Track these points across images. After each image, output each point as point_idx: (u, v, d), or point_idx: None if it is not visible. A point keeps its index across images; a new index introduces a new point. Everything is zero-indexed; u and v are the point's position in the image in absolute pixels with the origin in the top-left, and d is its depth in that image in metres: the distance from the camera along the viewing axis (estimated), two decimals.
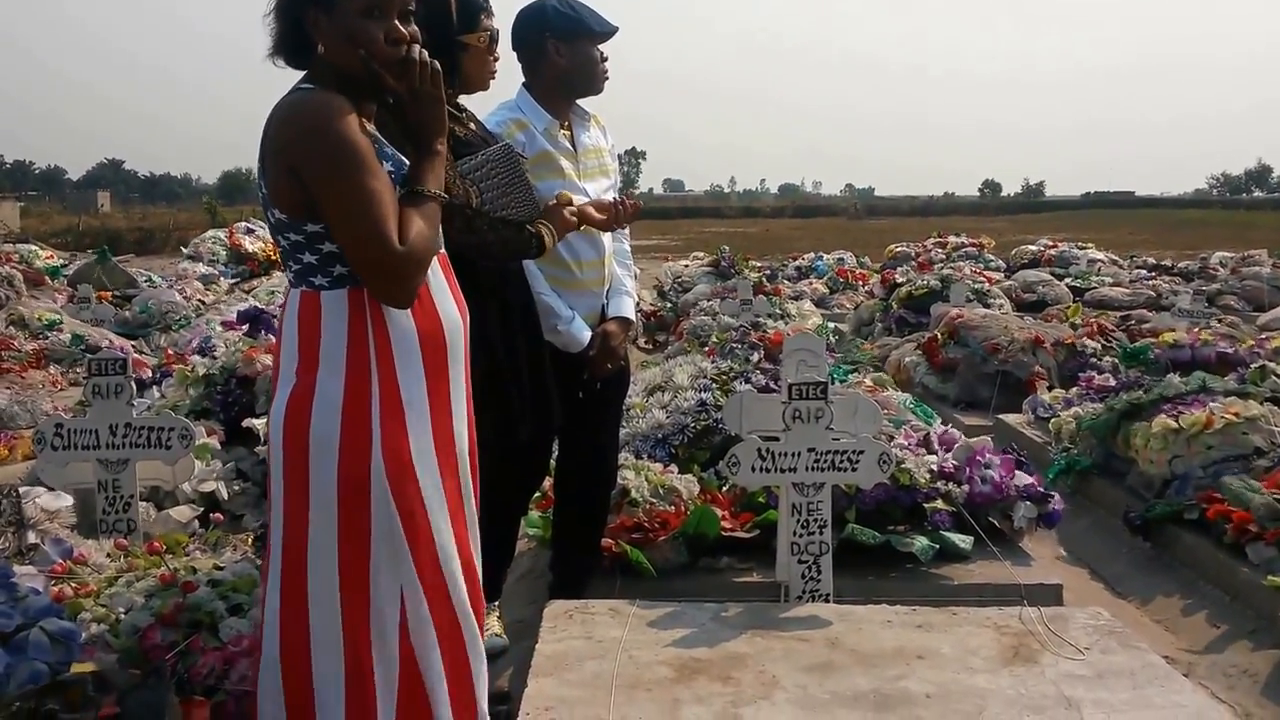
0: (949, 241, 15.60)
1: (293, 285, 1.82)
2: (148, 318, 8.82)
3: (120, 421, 3.19)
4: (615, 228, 2.75)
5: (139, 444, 3.19)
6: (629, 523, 3.39)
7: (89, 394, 3.24)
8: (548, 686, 2.49)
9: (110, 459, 3.18)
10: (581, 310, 2.96)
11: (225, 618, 2.30)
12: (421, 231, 1.73)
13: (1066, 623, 2.84)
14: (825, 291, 12.82)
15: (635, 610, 2.92)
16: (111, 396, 3.20)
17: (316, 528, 1.75)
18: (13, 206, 33.10)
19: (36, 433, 3.24)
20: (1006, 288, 10.83)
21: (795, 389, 3.09)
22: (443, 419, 1.85)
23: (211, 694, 2.17)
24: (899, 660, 2.63)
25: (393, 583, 1.77)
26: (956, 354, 6.76)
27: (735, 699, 2.43)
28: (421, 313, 1.81)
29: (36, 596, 2.22)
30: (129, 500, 3.18)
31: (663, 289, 12.51)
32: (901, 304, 9.17)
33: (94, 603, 2.37)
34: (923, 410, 4.95)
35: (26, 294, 8.97)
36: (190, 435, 3.23)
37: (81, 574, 2.57)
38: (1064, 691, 2.45)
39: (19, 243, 14.22)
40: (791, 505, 3.09)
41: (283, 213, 1.75)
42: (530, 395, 2.65)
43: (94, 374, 3.22)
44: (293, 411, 1.75)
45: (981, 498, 3.68)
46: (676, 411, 4.11)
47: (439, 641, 1.82)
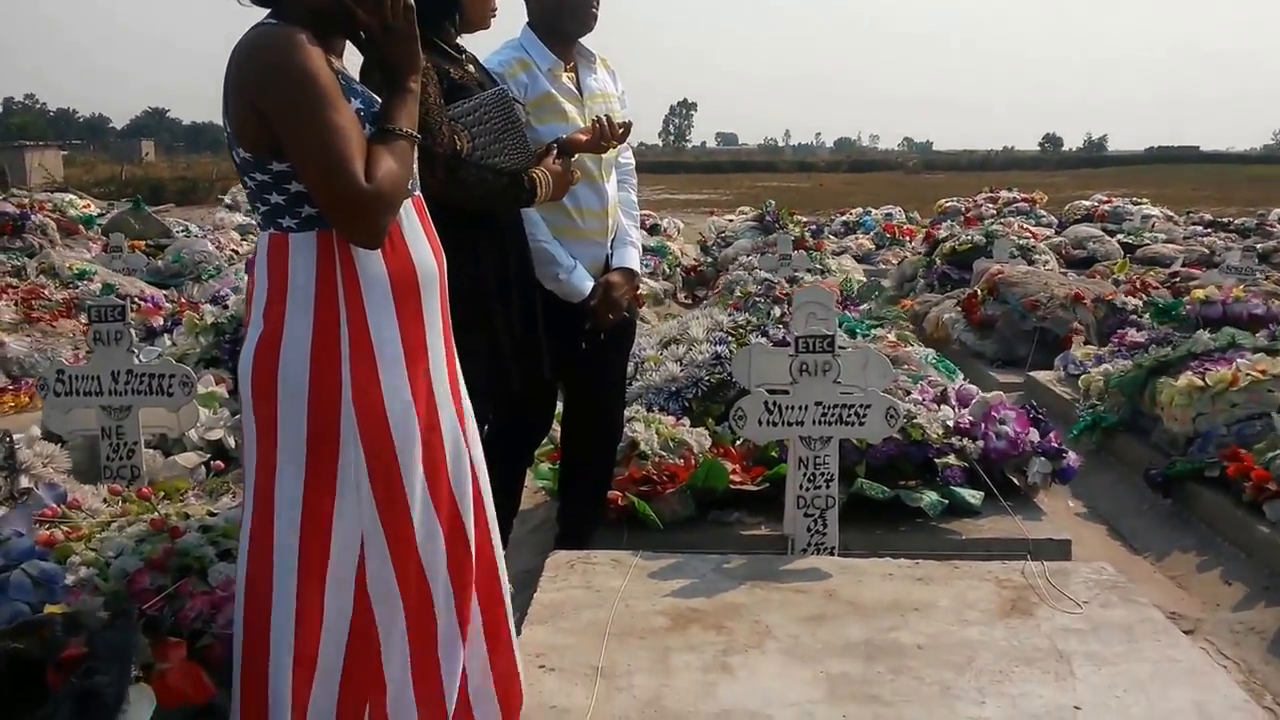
0: (1000, 196, 15.31)
1: (261, 228, 1.78)
2: (180, 267, 8.92)
3: (121, 368, 3.21)
4: (606, 147, 2.71)
5: (141, 391, 3.22)
6: (637, 475, 3.40)
7: (90, 340, 3.26)
8: (541, 634, 2.51)
9: (113, 405, 3.21)
10: (584, 260, 2.91)
11: (214, 563, 2.28)
12: (390, 170, 1.68)
13: (1068, 577, 2.81)
14: (871, 247, 12.66)
15: (637, 561, 2.93)
16: (112, 343, 3.22)
17: (284, 473, 1.73)
18: (56, 155, 33.38)
19: (40, 379, 3.28)
20: (1056, 244, 10.62)
21: (803, 342, 3.06)
22: (418, 366, 1.81)
23: (198, 637, 2.16)
24: (894, 612, 2.62)
25: (353, 528, 1.75)
26: (995, 311, 6.69)
27: (726, 647, 2.43)
28: (393, 257, 1.76)
29: (19, 539, 2.23)
30: (133, 447, 3.22)
31: (705, 244, 12.42)
32: (945, 260, 9.04)
33: (84, 547, 2.37)
34: (945, 366, 4.88)
35: (61, 243, 9.08)
36: (191, 383, 3.24)
37: (75, 518, 2.59)
38: (1056, 644, 2.42)
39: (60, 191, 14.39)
40: (798, 459, 3.08)
41: (247, 151, 1.70)
42: (525, 345, 2.63)
43: (94, 320, 3.24)
44: (261, 356, 1.72)
45: (996, 453, 3.64)
46: (691, 364, 4.08)
47: (401, 593, 1.79)
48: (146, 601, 2.21)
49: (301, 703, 1.75)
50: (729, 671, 2.33)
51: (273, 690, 1.74)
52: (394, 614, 1.80)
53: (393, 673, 1.81)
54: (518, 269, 2.64)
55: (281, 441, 1.72)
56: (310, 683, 1.76)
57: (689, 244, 12.95)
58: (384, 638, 1.79)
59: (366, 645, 1.79)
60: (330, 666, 1.77)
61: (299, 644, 1.75)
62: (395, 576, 1.79)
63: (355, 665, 1.79)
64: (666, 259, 9.98)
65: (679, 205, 24.55)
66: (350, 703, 1.79)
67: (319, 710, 1.77)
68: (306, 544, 1.73)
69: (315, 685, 1.77)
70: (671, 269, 10.04)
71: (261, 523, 1.75)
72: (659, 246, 10.40)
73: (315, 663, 1.76)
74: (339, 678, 1.78)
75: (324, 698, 1.77)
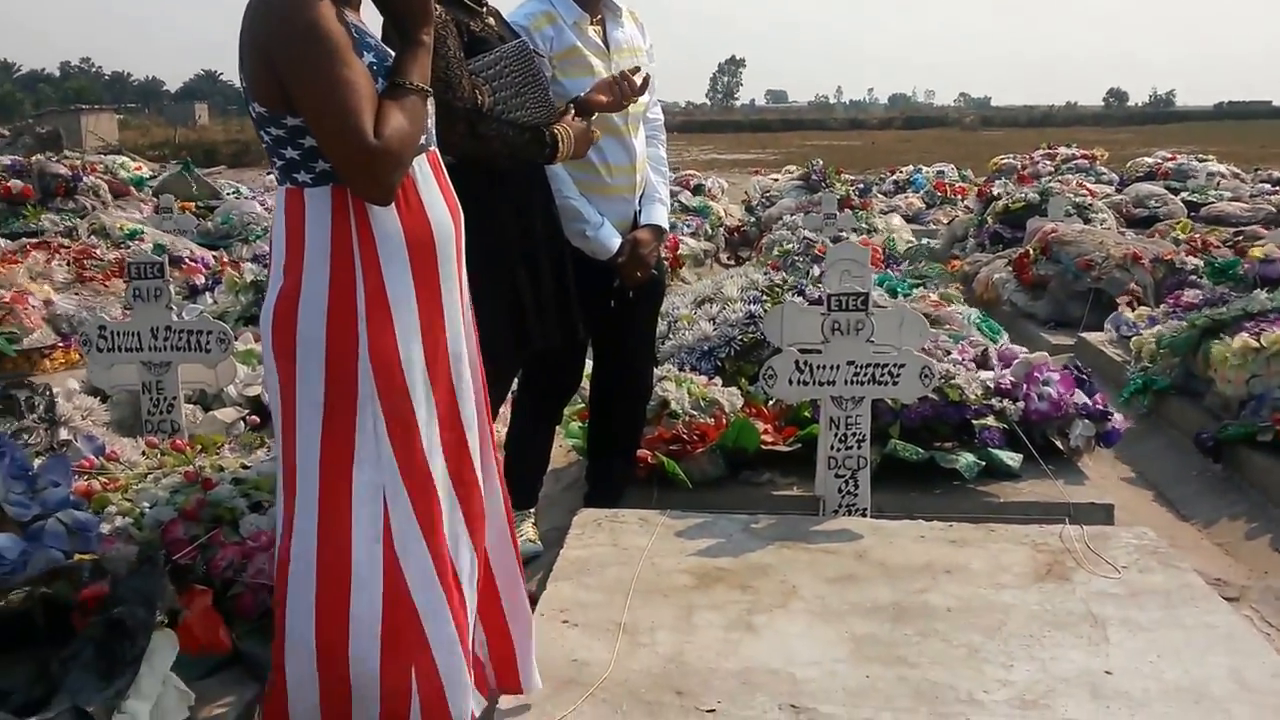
0: (1058, 153, 14.77)
1: (279, 183, 1.78)
2: (229, 228, 9.02)
3: (161, 325, 3.26)
4: (625, 104, 2.65)
5: (179, 347, 3.26)
6: (667, 435, 3.37)
7: (130, 297, 3.31)
8: (566, 590, 2.51)
9: (153, 361, 3.26)
10: (612, 217, 2.87)
11: (246, 514, 2.35)
12: (400, 126, 1.66)
13: (1107, 541, 2.74)
14: (921, 206, 12.36)
15: (664, 520, 2.92)
16: (151, 300, 3.26)
17: (303, 427, 1.74)
18: (111, 119, 33.97)
19: (82, 335, 3.33)
20: (1116, 202, 10.27)
21: (835, 300, 2.99)
22: (434, 323, 1.80)
23: (229, 586, 2.23)
24: (925, 574, 2.57)
25: (374, 485, 1.75)
26: (1048, 271, 6.53)
27: (751, 606, 2.41)
28: (408, 214, 1.74)
29: (55, 489, 2.30)
30: (172, 402, 3.27)
31: (750, 204, 12.26)
32: (997, 219, 8.79)
33: (121, 497, 2.45)
34: (989, 326, 4.78)
35: (112, 204, 9.23)
36: (228, 339, 3.27)
37: (112, 470, 2.66)
38: (1091, 609, 2.36)
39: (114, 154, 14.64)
40: (830, 419, 3.03)
41: (262, 106, 1.69)
42: (551, 304, 2.60)
43: (133, 277, 3.28)
44: (280, 312, 1.72)
45: (1037, 415, 3.55)
46: (724, 324, 4.03)
47: (427, 544, 1.79)
48: (180, 551, 2.28)
49: (339, 655, 1.76)
50: (752, 630, 2.31)
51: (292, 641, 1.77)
52: (426, 573, 1.79)
53: (434, 634, 1.80)
54: (543, 227, 2.61)
55: (300, 397, 1.73)
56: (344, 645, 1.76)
57: (733, 204, 12.80)
58: (418, 598, 1.79)
59: (402, 607, 1.78)
60: (367, 629, 1.76)
61: (320, 599, 1.75)
62: (421, 533, 1.78)
63: (394, 629, 1.78)
64: (709, 219, 9.87)
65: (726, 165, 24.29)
66: (395, 666, 1.79)
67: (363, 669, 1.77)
68: (326, 498, 1.74)
69: (351, 644, 1.76)
70: (714, 229, 9.93)
71: (288, 475, 1.77)
72: (701, 207, 10.30)
73: (347, 620, 1.75)
74: (379, 642, 1.77)
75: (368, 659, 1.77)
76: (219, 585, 2.22)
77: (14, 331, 4.97)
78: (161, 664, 1.83)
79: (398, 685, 1.78)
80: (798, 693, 2.05)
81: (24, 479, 2.28)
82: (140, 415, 3.34)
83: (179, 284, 5.89)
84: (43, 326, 5.15)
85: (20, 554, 2.08)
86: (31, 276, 5.82)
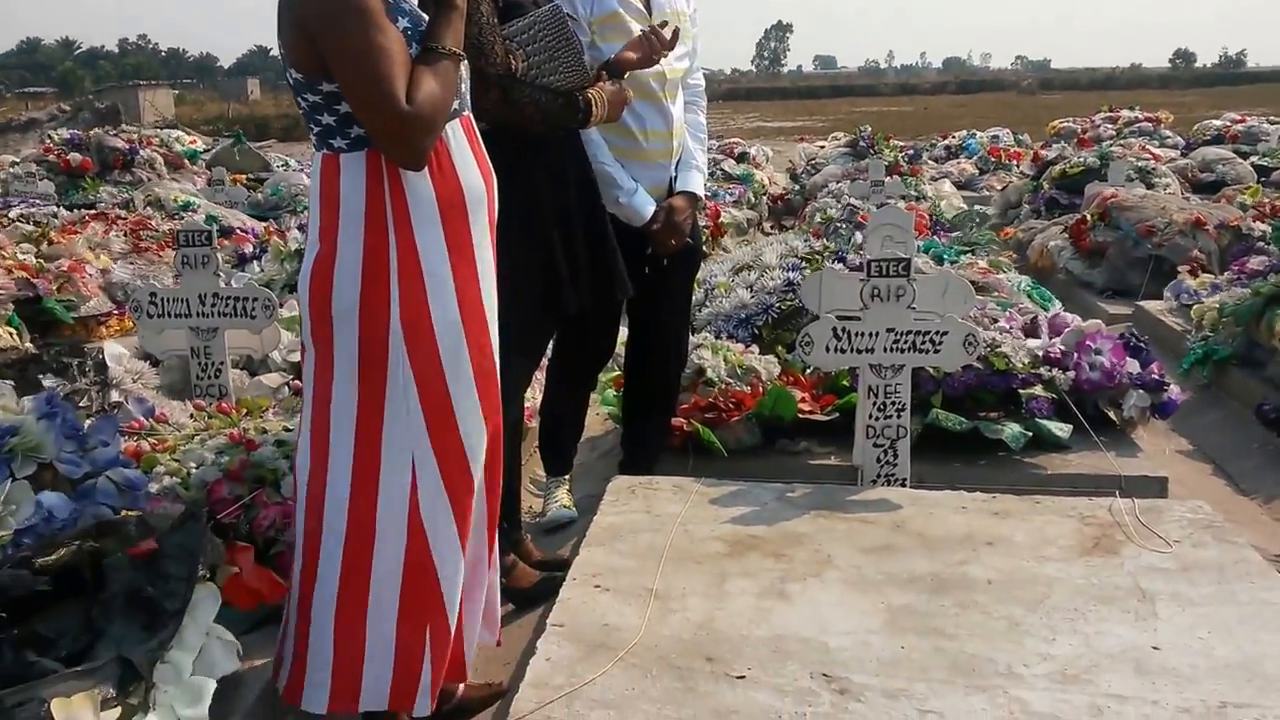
0: (1120, 116, 14.25)
1: (316, 149, 1.79)
2: (278, 200, 9.12)
3: (208, 291, 3.32)
4: (655, 60, 2.59)
5: (226, 313, 3.32)
6: (702, 402, 3.33)
7: (178, 264, 3.37)
8: (599, 555, 2.50)
9: (201, 327, 3.33)
10: (646, 183, 2.83)
11: (287, 475, 2.38)
12: (432, 92, 1.66)
13: (1160, 515, 2.64)
14: (974, 172, 11.97)
15: (699, 487, 2.89)
16: (199, 267, 3.32)
17: (339, 392, 1.76)
18: (167, 94, 34.64)
19: (133, 301, 3.39)
20: (1181, 167, 9.90)
21: (875, 265, 2.92)
22: (468, 287, 1.80)
23: (271, 545, 2.27)
24: (966, 546, 2.51)
25: (403, 450, 1.76)
26: (1106, 237, 6.31)
27: (785, 575, 2.37)
28: (440, 178, 1.75)
29: (105, 448, 2.36)
30: (219, 366, 3.33)
31: (795, 171, 12.07)
32: (1053, 184, 8.51)
33: (169, 458, 2.51)
34: (1041, 294, 4.65)
35: (167, 176, 9.38)
36: (273, 306, 3.32)
37: (161, 431, 2.71)
38: (1140, 583, 2.28)
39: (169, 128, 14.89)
40: (868, 387, 2.96)
41: (299, 72, 1.71)
42: (586, 268, 2.57)
43: (182, 245, 3.34)
44: (317, 276, 1.74)
45: (1089, 385, 3.45)
46: (762, 291, 3.96)
47: (453, 511, 1.80)
48: (224, 510, 2.33)
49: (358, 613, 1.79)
50: (785, 598, 2.27)
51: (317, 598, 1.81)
52: (449, 539, 1.81)
53: (450, 597, 1.83)
54: (579, 192, 2.57)
55: (337, 360, 1.75)
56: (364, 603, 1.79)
57: (778, 173, 12.62)
58: (439, 562, 1.80)
59: (423, 571, 1.81)
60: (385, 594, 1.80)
61: (347, 556, 1.79)
62: (447, 499, 1.80)
63: (412, 591, 1.81)
64: (752, 187, 9.72)
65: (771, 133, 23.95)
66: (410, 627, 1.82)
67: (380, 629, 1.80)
68: (359, 464, 1.77)
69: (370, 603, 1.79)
70: (757, 198, 9.78)
71: (319, 437, 1.79)
72: (745, 175, 10.15)
73: (369, 579, 1.79)
74: (398, 602, 1.80)
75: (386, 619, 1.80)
76: (261, 544, 2.26)
77: (71, 299, 5.06)
78: (204, 616, 1.86)
79: (411, 645, 1.81)
80: (830, 662, 2.01)
81: (75, 438, 2.35)
82: (189, 380, 3.41)
83: (228, 253, 5.98)
84: (99, 295, 5.23)
85: (70, 511, 2.14)
86: (90, 247, 5.93)
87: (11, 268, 5.08)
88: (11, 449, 2.27)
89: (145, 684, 1.68)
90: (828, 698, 1.89)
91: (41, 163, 10.36)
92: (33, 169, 10.01)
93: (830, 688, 1.92)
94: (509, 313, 1.98)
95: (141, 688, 1.68)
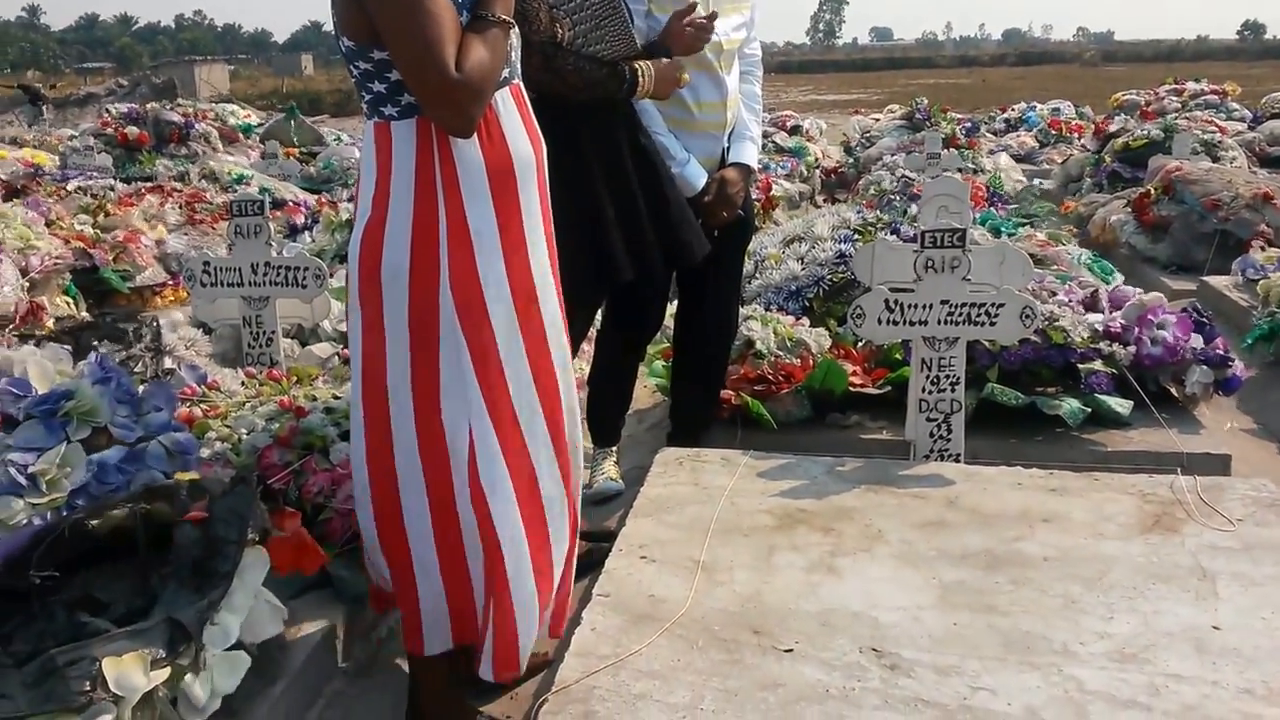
0: (1185, 88, 13.84)
1: (367, 117, 1.79)
2: (331, 173, 9.20)
3: (260, 260, 3.35)
4: (698, 45, 2.55)
5: (277, 282, 3.35)
6: (752, 374, 3.30)
7: (231, 234, 3.40)
8: (645, 526, 2.49)
9: (253, 296, 3.36)
10: (699, 153, 2.80)
11: (336, 442, 2.41)
12: (482, 59, 1.65)
13: (1222, 493, 2.57)
14: (1034, 145, 11.74)
15: (747, 460, 2.86)
16: (251, 236, 3.35)
17: (393, 357, 1.77)
18: (223, 70, 35.09)
19: (186, 270, 3.44)
20: (1248, 140, 9.57)
21: (929, 236, 2.86)
22: (517, 254, 1.80)
23: (320, 511, 2.29)
24: (1021, 522, 2.46)
25: (460, 416, 1.77)
26: (1170, 211, 6.13)
27: (834, 549, 2.34)
28: (490, 145, 1.74)
29: (158, 413, 2.39)
30: (270, 335, 3.37)
31: (849, 144, 11.88)
32: (1116, 157, 8.28)
33: (220, 424, 2.54)
34: (1101, 267, 4.54)
35: (222, 150, 9.50)
36: (323, 275, 3.34)
37: (213, 398, 2.75)
38: (1201, 562, 2.22)
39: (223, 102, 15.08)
40: (922, 360, 2.91)
41: (351, 40, 1.71)
42: (641, 237, 2.54)
43: (234, 215, 3.37)
44: (367, 243, 1.75)
45: (1151, 360, 3.36)
46: (813, 263, 3.91)
47: (511, 477, 1.80)
48: (274, 475, 2.35)
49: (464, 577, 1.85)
50: (834, 573, 2.24)
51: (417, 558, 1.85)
52: (508, 507, 1.81)
53: (513, 569, 1.83)
54: (632, 159, 2.54)
55: (389, 328, 1.76)
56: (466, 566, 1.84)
57: (832, 146, 12.43)
58: (500, 531, 1.81)
59: (486, 537, 1.81)
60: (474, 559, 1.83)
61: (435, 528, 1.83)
62: (505, 467, 1.80)
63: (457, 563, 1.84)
64: (805, 160, 9.59)
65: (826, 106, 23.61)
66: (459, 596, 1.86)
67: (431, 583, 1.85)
68: (422, 425, 1.78)
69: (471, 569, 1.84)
70: (810, 171, 9.66)
71: (375, 405, 1.80)
72: (798, 148, 10.01)
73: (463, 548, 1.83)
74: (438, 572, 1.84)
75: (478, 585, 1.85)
76: (310, 510, 2.28)
77: (127, 269, 5.15)
78: (253, 579, 1.89)
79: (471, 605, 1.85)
80: (880, 637, 1.98)
81: (129, 403, 2.38)
82: (241, 349, 3.45)
83: (280, 223, 6.04)
84: (154, 265, 5.32)
85: (123, 473, 2.19)
86: (146, 219, 6.03)
87: (69, 238, 5.17)
88: (67, 412, 2.29)
89: (195, 645, 1.71)
90: (877, 673, 1.87)
91: (99, 136, 10.53)
92: (90, 142, 10.17)
93: (880, 663, 1.90)
94: None
95: (191, 649, 1.71)
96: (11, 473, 2.16)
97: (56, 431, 2.26)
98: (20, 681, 1.61)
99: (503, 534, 1.80)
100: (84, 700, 1.57)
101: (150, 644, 1.67)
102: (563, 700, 1.82)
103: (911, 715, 1.75)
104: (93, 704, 1.57)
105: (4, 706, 1.59)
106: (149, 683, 1.63)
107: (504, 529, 1.80)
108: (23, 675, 1.62)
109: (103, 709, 1.58)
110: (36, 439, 2.25)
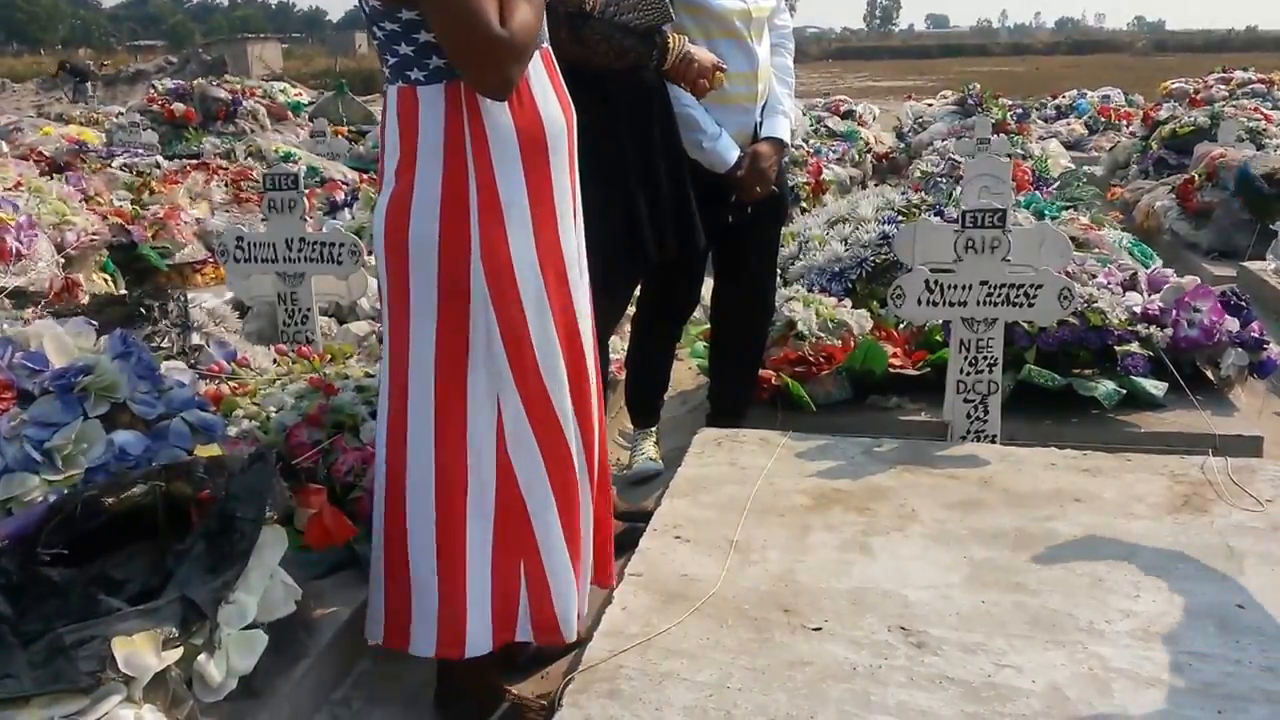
0: (1234, 77, 13.65)
1: (389, 81, 1.73)
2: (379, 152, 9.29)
3: (295, 236, 3.29)
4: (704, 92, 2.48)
5: (312, 258, 3.29)
6: (792, 355, 3.34)
7: (265, 208, 3.36)
8: (681, 506, 2.55)
9: (288, 272, 3.31)
10: (730, 127, 2.74)
11: (366, 421, 2.37)
12: (526, 19, 1.60)
13: (1253, 474, 2.59)
14: (1083, 132, 11.74)
15: (785, 441, 2.91)
16: (286, 211, 3.29)
17: (417, 330, 1.73)
18: (276, 48, 35.15)
19: (220, 245, 3.39)
20: None
21: (970, 216, 2.88)
22: (546, 223, 1.77)
23: (349, 490, 2.29)
24: (1053, 502, 2.50)
25: (489, 389, 1.76)
26: (1214, 198, 6.10)
27: (867, 529, 2.40)
28: (520, 110, 1.70)
29: (181, 389, 2.33)
30: (306, 313, 3.32)
31: (900, 130, 11.77)
32: (1162, 144, 8.26)
33: (248, 401, 2.53)
34: (1141, 251, 4.51)
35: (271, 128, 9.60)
36: (359, 252, 3.27)
37: (243, 375, 2.76)
38: (1228, 542, 2.25)
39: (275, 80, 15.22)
40: (960, 341, 2.94)
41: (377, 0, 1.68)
42: (669, 215, 2.55)
43: (268, 189, 3.31)
44: (393, 213, 1.71)
45: (1187, 342, 3.36)
46: (856, 244, 3.92)
47: (541, 451, 1.81)
48: (303, 454, 2.32)
49: (459, 558, 1.81)
50: (867, 552, 2.30)
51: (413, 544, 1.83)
52: (538, 477, 1.81)
53: (543, 537, 1.83)
54: (661, 134, 2.53)
55: (414, 299, 1.72)
56: (462, 547, 1.80)
57: (884, 131, 12.31)
58: (530, 500, 1.81)
59: (513, 509, 1.81)
60: (480, 535, 1.81)
61: (439, 499, 1.79)
62: (534, 436, 1.79)
63: (504, 529, 1.82)
64: (856, 145, 9.53)
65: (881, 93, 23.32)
66: (505, 568, 1.84)
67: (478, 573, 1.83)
68: (442, 401, 1.75)
69: (469, 551, 1.81)
70: (861, 156, 9.60)
71: (398, 380, 1.78)
72: (849, 132, 9.94)
73: (464, 521, 1.80)
74: (490, 545, 1.82)
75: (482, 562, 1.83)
76: (339, 489, 2.26)
77: (166, 246, 5.09)
78: (271, 559, 1.85)
79: (508, 587, 1.84)
80: (909, 615, 2.03)
81: (150, 378, 2.30)
82: (277, 326, 3.42)
83: (320, 200, 6.08)
84: (194, 241, 5.25)
85: (144, 450, 2.13)
86: (190, 197, 5.99)
87: (107, 214, 5.11)
88: (85, 387, 2.20)
89: (209, 624, 1.67)
90: (904, 650, 1.92)
91: (145, 113, 10.60)
92: (136, 119, 10.19)
93: (907, 640, 1.95)
94: (591, 259, 1.94)
95: (205, 628, 1.67)
96: (27, 448, 2.09)
97: (74, 407, 2.17)
98: (27, 660, 1.56)
99: (531, 505, 1.81)
100: (92, 681, 1.52)
101: (162, 623, 1.62)
102: (589, 679, 1.84)
103: (936, 692, 1.80)
104: (101, 684, 1.52)
105: (8, 686, 1.53)
106: (160, 663, 1.58)
107: (533, 500, 1.81)
108: (29, 654, 1.56)
109: (112, 689, 1.53)
110: (53, 414, 2.15)
